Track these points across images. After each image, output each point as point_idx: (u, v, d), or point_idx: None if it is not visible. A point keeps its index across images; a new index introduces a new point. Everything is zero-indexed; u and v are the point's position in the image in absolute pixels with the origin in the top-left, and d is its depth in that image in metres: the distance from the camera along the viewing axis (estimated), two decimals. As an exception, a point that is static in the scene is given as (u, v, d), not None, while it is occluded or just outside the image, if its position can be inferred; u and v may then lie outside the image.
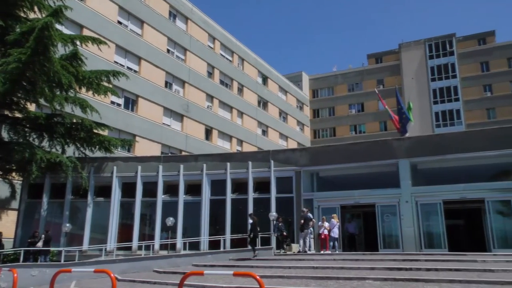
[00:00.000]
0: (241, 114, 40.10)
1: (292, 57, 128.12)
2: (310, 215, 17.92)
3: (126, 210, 22.76)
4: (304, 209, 18.28)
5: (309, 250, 17.62)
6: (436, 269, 11.07)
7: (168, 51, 32.61)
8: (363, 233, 22.59)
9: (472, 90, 47.20)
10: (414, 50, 50.90)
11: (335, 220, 18.17)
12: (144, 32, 30.39)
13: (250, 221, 16.90)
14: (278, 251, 17.73)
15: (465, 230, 22.13)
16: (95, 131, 21.92)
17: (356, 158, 19.72)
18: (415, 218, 18.12)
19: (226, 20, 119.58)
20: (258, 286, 5.48)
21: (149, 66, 30.36)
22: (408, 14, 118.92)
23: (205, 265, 14.96)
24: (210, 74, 36.97)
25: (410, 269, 11.38)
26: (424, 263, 12.41)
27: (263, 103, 44.72)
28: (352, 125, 53.04)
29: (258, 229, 16.94)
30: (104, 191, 22.42)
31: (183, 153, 31.60)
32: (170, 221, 20.09)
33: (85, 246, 21.07)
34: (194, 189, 22.18)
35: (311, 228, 17.87)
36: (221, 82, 38.17)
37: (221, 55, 38.76)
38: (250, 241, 16.60)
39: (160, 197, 22.08)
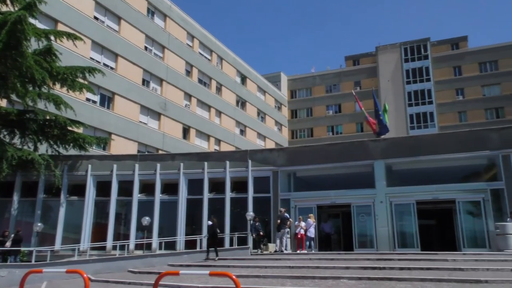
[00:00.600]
0: (219, 113, 39.97)
1: (271, 57, 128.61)
2: (287, 215, 18.03)
3: (101, 209, 22.37)
4: (281, 209, 18.38)
5: (286, 249, 17.73)
6: (409, 268, 11.32)
7: (146, 48, 32.20)
8: (339, 233, 22.88)
9: (445, 93, 48.46)
10: (390, 53, 51.88)
11: (312, 220, 18.34)
12: (121, 29, 29.91)
13: (210, 223, 16.27)
14: (255, 250, 17.77)
15: (436, 230, 22.71)
16: (70, 128, 21.45)
17: (333, 158, 19.97)
18: (389, 218, 18.48)
19: (205, 18, 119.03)
20: (234, 286, 5.48)
21: (126, 63, 29.89)
22: (385, 17, 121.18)
23: (181, 265, 14.85)
24: (189, 73, 36.70)
25: (384, 268, 11.59)
26: (398, 262, 12.66)
27: (242, 103, 44.71)
28: (329, 126, 53.63)
29: (219, 231, 16.42)
30: (78, 189, 21.98)
31: (160, 152, 31.27)
32: (146, 220, 19.85)
33: (58, 246, 20.59)
34: (170, 188, 21.99)
35: (288, 228, 17.98)
36: (200, 81, 37.96)
37: (200, 53, 38.53)
38: (209, 244, 16.01)
39: (136, 196, 21.80)
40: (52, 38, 21.53)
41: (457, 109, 47.82)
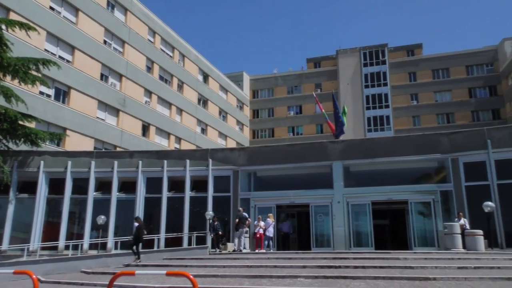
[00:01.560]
0: (180, 111, 39.45)
1: (234, 56, 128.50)
2: (245, 214, 18.08)
3: (53, 208, 21.54)
4: (240, 208, 18.43)
5: (244, 249, 17.78)
6: (363, 267, 11.68)
7: (105, 42, 31.23)
8: (297, 232, 23.23)
9: (401, 98, 50.32)
10: (350, 57, 53.22)
11: (271, 220, 18.49)
12: (79, 21, 28.84)
13: (136, 224, 15.37)
14: (213, 250, 17.70)
15: (390, 229, 23.57)
16: (21, 122, 20.47)
17: (293, 159, 20.25)
18: (345, 218, 18.98)
19: (168, 15, 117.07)
20: (192, 285, 5.44)
21: (83, 56, 28.85)
22: (346, 22, 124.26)
23: (137, 265, 14.53)
24: (149, 69, 35.96)
25: (339, 267, 11.90)
26: (353, 261, 13.02)
27: (203, 101, 44.38)
28: (290, 126, 54.27)
29: (145, 232, 15.66)
30: (28, 187, 21.04)
31: (118, 149, 30.43)
32: (101, 219, 19.29)
33: (5, 245, 19.61)
34: (128, 186, 21.50)
35: (247, 228, 18.05)
36: (161, 77, 37.27)
37: (162, 50, 37.85)
38: (132, 245, 15.14)
39: (92, 194, 21.15)
40: (3, 27, 20.45)
41: (412, 114, 49.78)
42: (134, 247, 15.01)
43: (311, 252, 16.88)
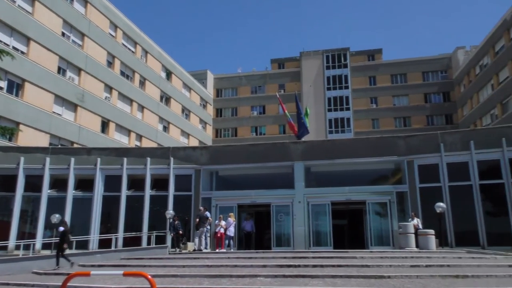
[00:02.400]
0: (141, 108, 38.61)
1: (198, 54, 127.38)
2: (207, 213, 17.98)
3: (3, 206, 20.54)
4: (201, 207, 18.31)
5: (205, 248, 17.68)
6: (322, 266, 11.90)
7: (63, 34, 30.05)
8: (258, 232, 23.33)
9: (361, 101, 51.72)
10: (313, 60, 54.08)
11: (232, 219, 18.48)
12: (35, 11, 27.57)
13: (62, 228, 14.74)
14: (173, 250, 17.48)
15: (348, 229, 24.16)
16: (-31, 115, 19.32)
17: (255, 159, 20.34)
18: (306, 218, 19.29)
19: (131, 9, 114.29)
20: (150, 286, 5.34)
21: (39, 48, 27.61)
22: (310, 24, 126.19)
23: (92, 265, 14.08)
24: (110, 64, 34.95)
25: (299, 266, 12.06)
26: (312, 260, 13.23)
27: (166, 99, 43.67)
28: (253, 126, 54.44)
29: (70, 237, 15.13)
30: (-24, 184, 19.92)
31: (75, 146, 29.38)
32: (55, 218, 18.54)
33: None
34: (85, 184, 20.84)
35: (208, 227, 17.94)
36: (122, 73, 36.31)
37: (123, 44, 36.88)
38: (58, 250, 14.35)
39: (46, 192, 20.32)
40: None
41: (371, 117, 51.29)
42: (61, 252, 14.05)
43: (271, 252, 17.00)
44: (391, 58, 58.48)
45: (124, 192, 20.56)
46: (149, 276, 5.33)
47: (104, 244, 19.37)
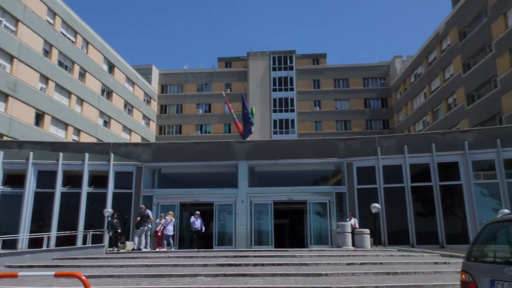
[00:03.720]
0: (81, 101, 36.80)
1: (143, 49, 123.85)
2: (149, 211, 17.55)
3: None
4: (142, 205, 17.83)
5: (145, 248, 17.24)
6: (262, 264, 12.05)
7: (-5, 18, 27.91)
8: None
9: (305, 103, 53.04)
10: (260, 60, 54.62)
11: (169, 217, 18.03)
12: (-36, -10, 25.40)
13: None
14: (111, 249, 16.87)
15: (289, 228, 24.70)
16: None
17: (199, 157, 20.16)
18: (248, 217, 19.45)
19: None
20: (84, 287, 5.11)
21: (-33, 31, 25.46)
22: (258, 26, 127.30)
23: (21, 266, 13.21)
24: (47, 53, 32.96)
25: (240, 264, 12.13)
26: (253, 259, 13.36)
27: (107, 92, 41.98)
28: (198, 124, 53.91)
29: None
30: None
31: (5, 138, 27.40)
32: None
33: None
34: (15, 179, 19.53)
35: (149, 226, 17.51)
36: (60, 63, 34.38)
37: (62, 33, 34.93)
38: None
39: (-31, 187, 18.76)
40: None
41: (314, 119, 52.75)
42: None
43: (212, 251, 16.95)
44: (335, 63, 60.48)
45: (59, 189, 19.52)
46: (83, 277, 5.10)
47: (35, 243, 18.26)
